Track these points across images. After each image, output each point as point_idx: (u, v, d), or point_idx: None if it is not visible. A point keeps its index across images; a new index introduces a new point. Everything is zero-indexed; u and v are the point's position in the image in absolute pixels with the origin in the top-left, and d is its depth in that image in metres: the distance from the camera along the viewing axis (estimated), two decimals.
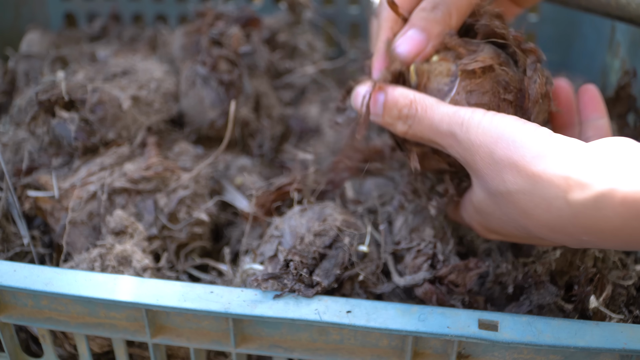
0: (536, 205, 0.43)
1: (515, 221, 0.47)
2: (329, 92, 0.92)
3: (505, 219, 0.48)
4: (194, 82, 0.80)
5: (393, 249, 0.62)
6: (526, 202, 0.44)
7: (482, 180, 0.47)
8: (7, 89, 0.89)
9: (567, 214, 0.42)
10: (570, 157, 0.43)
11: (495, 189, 0.46)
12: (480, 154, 0.46)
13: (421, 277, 0.58)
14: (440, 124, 0.48)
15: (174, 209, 0.69)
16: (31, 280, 0.53)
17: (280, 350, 0.52)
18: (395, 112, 0.50)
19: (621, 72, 0.80)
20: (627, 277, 0.58)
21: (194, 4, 1.03)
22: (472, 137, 0.46)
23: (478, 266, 0.58)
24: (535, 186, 0.43)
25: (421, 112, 0.49)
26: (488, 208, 0.49)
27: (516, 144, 0.44)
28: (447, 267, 0.57)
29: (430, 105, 0.49)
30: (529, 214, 0.44)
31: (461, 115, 0.47)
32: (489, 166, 0.45)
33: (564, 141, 0.44)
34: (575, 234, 0.43)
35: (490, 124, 0.46)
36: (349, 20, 1.05)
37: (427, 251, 0.60)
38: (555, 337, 0.48)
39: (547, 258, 0.57)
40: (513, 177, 0.44)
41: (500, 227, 0.50)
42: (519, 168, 0.44)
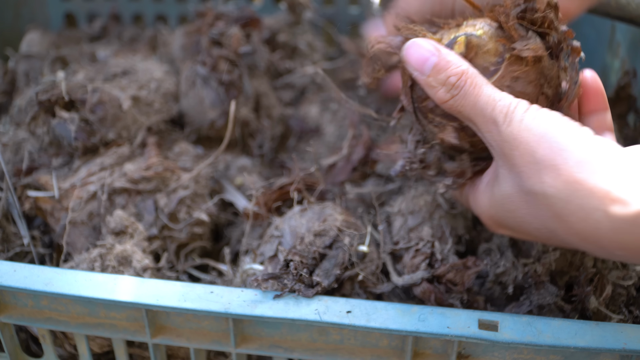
0: (572, 213, 0.43)
1: (543, 223, 0.46)
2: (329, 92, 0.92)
3: (530, 219, 0.47)
4: (194, 82, 0.80)
5: (391, 249, 0.62)
6: (562, 208, 0.43)
7: (517, 177, 0.46)
8: (7, 89, 0.89)
9: (605, 227, 0.41)
10: (614, 167, 0.42)
11: (530, 188, 0.45)
12: (520, 150, 0.45)
13: (419, 276, 0.58)
14: (485, 107, 0.47)
15: (174, 209, 0.69)
16: (31, 280, 0.53)
17: (280, 350, 0.52)
18: (443, 77, 0.48)
19: (621, 72, 0.80)
20: (627, 277, 0.58)
21: (194, 4, 1.03)
22: (515, 130, 0.45)
23: (476, 265, 0.58)
24: (575, 193, 0.42)
25: (469, 87, 0.48)
26: (513, 205, 0.47)
27: (560, 145, 0.44)
28: (445, 266, 0.57)
29: (480, 83, 0.48)
30: (563, 220, 0.44)
31: (506, 105, 0.46)
32: (528, 164, 0.45)
33: (607, 147, 0.43)
34: (610, 247, 0.42)
35: (533, 120, 0.45)
36: (349, 20, 1.05)
37: (425, 250, 0.60)
38: (555, 337, 0.48)
39: (547, 258, 0.57)
40: (552, 179, 0.43)
41: (518, 225, 0.49)
42: (560, 172, 0.43)
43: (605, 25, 0.88)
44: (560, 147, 0.44)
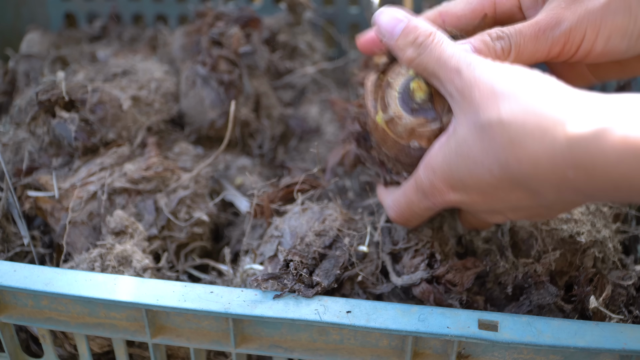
0: (528, 134, 0.43)
1: (496, 157, 0.45)
2: (329, 92, 0.92)
3: (482, 157, 0.46)
4: (194, 82, 0.80)
5: (391, 249, 0.62)
6: (517, 132, 0.44)
7: (473, 114, 0.47)
8: (7, 89, 0.89)
9: (560, 144, 0.42)
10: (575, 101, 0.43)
11: (487, 119, 0.45)
12: (480, 87, 0.46)
13: (418, 276, 0.58)
14: (449, 59, 0.49)
15: (174, 209, 0.69)
16: (31, 280, 0.53)
17: (280, 350, 0.52)
18: (412, 37, 0.51)
19: None
20: (627, 277, 0.58)
21: (194, 4, 1.03)
22: (477, 73, 0.47)
23: (476, 265, 0.58)
24: (533, 116, 0.43)
25: (436, 44, 0.50)
26: (466, 146, 0.47)
27: (521, 79, 0.45)
28: (445, 266, 0.57)
29: (446, 41, 0.50)
30: (517, 145, 0.44)
31: (471, 56, 0.48)
32: (486, 97, 0.46)
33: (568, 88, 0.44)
34: (562, 168, 0.42)
35: (498, 65, 0.47)
36: (349, 20, 1.05)
37: (424, 251, 0.60)
38: (555, 337, 0.48)
39: (547, 258, 0.57)
40: (510, 105, 0.44)
41: (470, 172, 0.48)
42: (519, 99, 0.44)
43: None
44: (521, 80, 0.45)
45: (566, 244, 0.59)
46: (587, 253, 0.59)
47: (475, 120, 0.46)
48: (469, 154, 0.47)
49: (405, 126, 0.53)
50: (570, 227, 0.60)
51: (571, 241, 0.59)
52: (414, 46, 0.51)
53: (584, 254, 0.59)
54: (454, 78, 0.48)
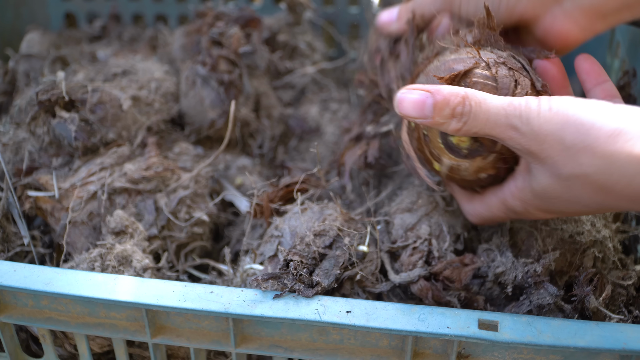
0: (616, 183, 0.44)
1: (590, 199, 0.47)
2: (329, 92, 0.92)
3: (576, 199, 0.48)
4: (194, 82, 0.80)
5: (389, 247, 0.62)
6: (605, 181, 0.45)
7: (552, 167, 0.47)
8: (8, 89, 0.89)
9: None
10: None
11: (569, 173, 0.46)
12: (548, 142, 0.46)
13: (416, 273, 0.58)
14: (497, 118, 0.48)
15: (174, 209, 0.69)
16: (31, 280, 0.53)
17: (280, 350, 0.52)
18: (448, 112, 0.49)
19: (621, 72, 0.80)
20: (627, 277, 0.58)
21: (194, 4, 1.03)
22: (535, 127, 0.47)
23: (473, 261, 0.58)
24: (615, 165, 0.44)
25: (475, 108, 0.49)
26: (556, 192, 0.49)
27: (585, 125, 0.45)
28: (442, 263, 0.58)
29: (483, 99, 0.49)
30: (609, 191, 0.45)
31: (516, 106, 0.48)
32: (560, 153, 0.46)
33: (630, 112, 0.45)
34: None
35: (550, 110, 0.46)
36: (349, 20, 1.05)
37: (422, 248, 0.60)
38: (555, 337, 0.48)
39: (547, 258, 0.57)
40: (589, 159, 0.45)
41: (565, 207, 0.50)
42: (595, 150, 0.44)
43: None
44: (586, 126, 0.45)
45: (566, 244, 0.59)
46: (587, 253, 0.59)
47: (558, 173, 0.47)
48: (560, 197, 0.49)
49: (467, 169, 0.54)
50: (570, 227, 0.60)
51: (571, 241, 0.59)
52: (455, 118, 0.49)
53: (584, 253, 0.59)
54: (513, 136, 0.48)
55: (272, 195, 0.65)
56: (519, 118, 0.47)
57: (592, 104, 0.46)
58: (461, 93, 0.49)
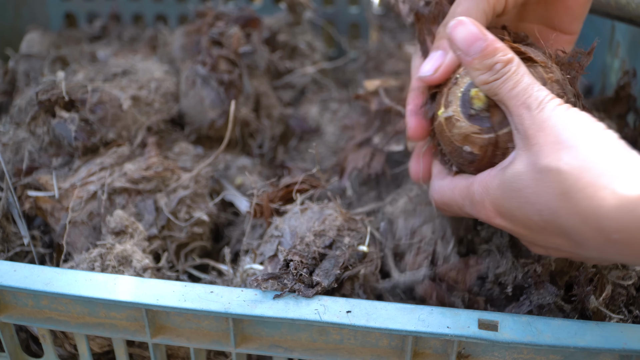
0: (580, 190, 0.44)
1: (546, 203, 0.47)
2: (329, 92, 0.92)
3: (534, 198, 0.48)
4: (194, 82, 0.80)
5: (394, 244, 0.62)
6: (571, 185, 0.45)
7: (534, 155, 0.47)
8: (7, 89, 0.89)
9: (609, 205, 0.43)
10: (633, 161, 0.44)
11: (545, 164, 0.46)
12: (546, 131, 0.47)
13: (422, 273, 0.58)
14: (521, 93, 0.49)
15: (174, 209, 0.69)
16: (31, 280, 0.53)
17: (280, 350, 0.52)
18: (489, 62, 0.50)
19: (621, 72, 0.80)
20: (627, 277, 0.58)
21: (194, 4, 1.03)
22: (545, 116, 0.47)
23: (478, 263, 0.58)
24: (588, 171, 0.44)
25: (512, 75, 0.50)
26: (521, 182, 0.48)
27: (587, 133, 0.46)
28: (448, 264, 0.58)
29: (523, 73, 0.50)
30: (568, 197, 0.45)
31: (542, 95, 0.49)
32: (550, 143, 0.46)
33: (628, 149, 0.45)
34: (608, 230, 0.43)
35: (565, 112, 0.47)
36: (349, 20, 1.05)
37: (427, 249, 0.60)
38: (555, 337, 0.48)
39: (547, 258, 0.57)
40: (570, 157, 0.45)
41: (520, 207, 0.49)
42: (580, 151, 0.45)
43: (605, 25, 0.88)
44: (585, 133, 0.46)
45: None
46: None
47: (535, 162, 0.47)
48: (522, 190, 0.48)
49: (460, 129, 0.53)
50: None
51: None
52: (491, 71, 0.50)
53: None
54: (523, 114, 0.49)
55: (272, 196, 0.65)
56: (538, 103, 0.48)
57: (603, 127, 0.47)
58: (510, 55, 0.50)
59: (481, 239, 0.64)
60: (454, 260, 0.59)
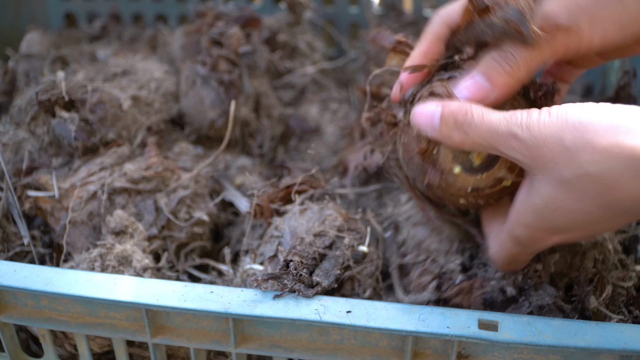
0: (620, 176, 0.44)
1: (594, 202, 0.46)
2: (329, 92, 0.92)
3: (580, 205, 0.47)
4: (194, 82, 0.80)
5: (399, 263, 0.62)
6: (608, 177, 0.44)
7: (552, 172, 0.47)
8: (7, 89, 0.89)
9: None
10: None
11: (570, 174, 0.46)
12: (548, 146, 0.46)
13: (426, 298, 0.58)
14: (498, 127, 0.49)
15: (174, 209, 0.69)
16: (31, 280, 0.53)
17: (280, 350, 0.52)
18: (451, 121, 0.51)
19: (621, 72, 0.80)
20: (627, 278, 0.58)
21: (194, 4, 1.03)
22: (536, 133, 0.47)
23: (483, 286, 0.57)
24: (617, 158, 0.44)
25: (477, 118, 0.50)
26: (558, 201, 0.48)
27: (584, 124, 0.45)
28: (453, 289, 0.57)
29: (485, 111, 0.50)
30: (614, 187, 0.45)
31: (518, 117, 0.48)
32: (560, 154, 0.46)
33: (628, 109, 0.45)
34: None
35: (550, 116, 0.47)
36: (349, 20, 1.05)
37: (432, 269, 0.59)
38: (555, 337, 0.48)
39: (546, 260, 0.57)
40: (590, 156, 0.44)
41: (569, 220, 0.49)
42: (595, 145, 0.44)
43: None
44: (584, 124, 0.45)
45: (566, 246, 0.59)
46: (588, 255, 0.59)
47: (558, 177, 0.47)
48: (563, 206, 0.48)
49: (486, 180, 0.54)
50: None
51: (571, 244, 0.59)
52: (458, 129, 0.50)
53: (584, 255, 0.59)
54: (514, 144, 0.48)
55: (272, 196, 0.65)
56: (520, 126, 0.47)
57: (590, 105, 0.46)
58: (465, 105, 0.51)
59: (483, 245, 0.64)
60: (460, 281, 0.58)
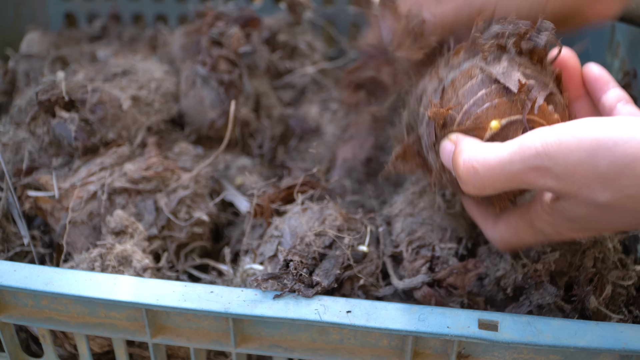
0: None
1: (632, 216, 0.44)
2: (329, 92, 0.92)
3: (617, 219, 0.45)
4: (194, 82, 0.80)
5: (392, 252, 0.62)
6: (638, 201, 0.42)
7: (587, 197, 0.44)
8: (7, 89, 0.89)
9: None
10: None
11: (609, 199, 0.43)
12: (580, 173, 0.42)
13: (419, 280, 0.58)
14: (512, 167, 0.44)
15: (174, 209, 0.69)
16: (31, 280, 0.53)
17: (280, 350, 0.52)
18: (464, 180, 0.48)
19: (621, 72, 0.80)
20: (627, 277, 0.58)
21: (194, 4, 1.03)
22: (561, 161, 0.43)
23: (477, 267, 0.58)
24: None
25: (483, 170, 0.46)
26: (593, 216, 0.46)
27: (620, 146, 0.41)
28: (446, 269, 0.57)
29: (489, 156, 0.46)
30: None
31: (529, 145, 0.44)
32: (595, 180, 0.42)
33: None
34: None
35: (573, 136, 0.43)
36: (349, 20, 1.05)
37: (425, 254, 0.60)
38: (555, 337, 0.48)
39: (546, 259, 0.57)
40: (629, 180, 0.41)
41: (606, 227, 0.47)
42: (635, 171, 0.41)
43: (605, 25, 0.88)
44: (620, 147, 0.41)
45: (566, 245, 0.59)
46: (587, 253, 0.59)
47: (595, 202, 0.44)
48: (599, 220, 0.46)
49: None
50: None
51: (571, 242, 0.59)
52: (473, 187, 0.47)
53: (584, 254, 0.59)
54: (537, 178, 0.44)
55: (272, 196, 0.65)
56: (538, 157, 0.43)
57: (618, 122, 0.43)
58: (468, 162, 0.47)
59: (480, 240, 0.64)
60: (453, 264, 0.59)
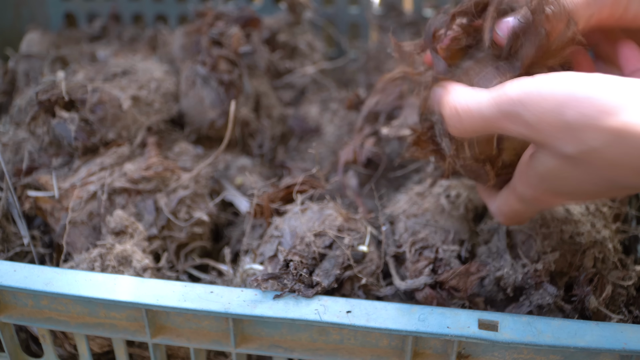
0: (626, 154, 0.42)
1: (600, 175, 0.44)
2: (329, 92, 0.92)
3: (585, 176, 0.45)
4: (194, 82, 0.80)
5: (395, 252, 0.62)
6: (613, 154, 0.42)
7: (554, 147, 0.45)
8: (7, 89, 0.89)
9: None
10: None
11: (574, 150, 0.43)
12: (547, 121, 0.43)
13: (422, 281, 0.58)
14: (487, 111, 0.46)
15: (174, 209, 0.69)
16: (31, 280, 0.53)
17: (280, 350, 0.52)
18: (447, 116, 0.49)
19: None
20: (627, 278, 0.58)
21: (194, 4, 1.03)
22: (531, 108, 0.44)
23: (479, 270, 0.58)
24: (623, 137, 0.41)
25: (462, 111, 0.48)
26: (561, 172, 0.46)
27: (589, 100, 0.42)
28: (448, 272, 0.57)
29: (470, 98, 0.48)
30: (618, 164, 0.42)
31: (507, 92, 0.45)
32: (562, 131, 0.43)
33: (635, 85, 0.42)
34: None
35: (549, 86, 0.43)
36: (349, 20, 1.05)
37: (428, 255, 0.60)
38: (555, 337, 0.48)
39: (546, 259, 0.57)
40: (594, 134, 0.42)
41: (575, 186, 0.47)
42: (599, 124, 0.41)
43: None
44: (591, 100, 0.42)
45: (566, 245, 0.59)
46: (587, 254, 0.59)
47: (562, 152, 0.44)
48: (568, 177, 0.46)
49: None
50: (570, 227, 0.59)
51: (571, 242, 0.59)
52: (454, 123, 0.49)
53: (584, 254, 0.59)
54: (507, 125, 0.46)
55: (272, 196, 0.65)
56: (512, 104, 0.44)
57: (593, 78, 0.43)
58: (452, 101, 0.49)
59: (481, 240, 0.64)
60: (455, 266, 0.58)
